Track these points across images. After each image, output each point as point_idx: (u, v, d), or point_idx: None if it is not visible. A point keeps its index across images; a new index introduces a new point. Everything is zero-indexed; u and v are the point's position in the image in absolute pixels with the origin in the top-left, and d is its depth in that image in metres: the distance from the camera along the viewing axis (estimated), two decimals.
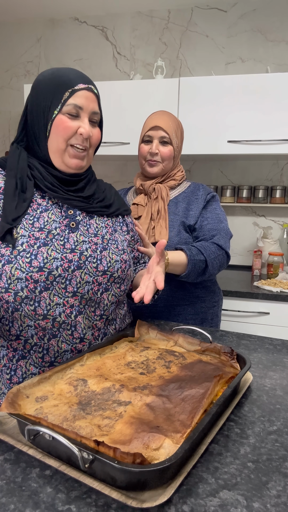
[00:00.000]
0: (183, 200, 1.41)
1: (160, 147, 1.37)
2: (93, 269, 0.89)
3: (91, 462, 0.49)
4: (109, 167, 2.77)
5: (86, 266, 0.88)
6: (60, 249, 0.86)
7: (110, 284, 0.92)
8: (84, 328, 0.90)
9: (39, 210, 0.88)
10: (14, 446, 0.59)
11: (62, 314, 0.87)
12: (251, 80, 2.08)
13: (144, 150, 1.39)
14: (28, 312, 0.85)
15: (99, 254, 0.91)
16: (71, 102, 0.85)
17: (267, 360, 0.94)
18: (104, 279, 0.91)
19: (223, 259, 1.32)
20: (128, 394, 0.66)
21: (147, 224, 1.36)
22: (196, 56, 2.55)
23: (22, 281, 0.81)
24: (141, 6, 2.54)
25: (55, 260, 0.85)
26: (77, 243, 0.89)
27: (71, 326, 0.89)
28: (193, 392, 0.66)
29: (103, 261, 0.91)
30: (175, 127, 1.39)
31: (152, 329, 0.96)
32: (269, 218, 2.57)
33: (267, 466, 0.56)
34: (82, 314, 0.89)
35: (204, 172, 2.62)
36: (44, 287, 0.83)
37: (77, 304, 0.88)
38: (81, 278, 0.87)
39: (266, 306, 2.00)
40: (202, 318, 1.43)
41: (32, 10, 2.63)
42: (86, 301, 0.90)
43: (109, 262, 0.92)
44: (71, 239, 0.89)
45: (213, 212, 1.39)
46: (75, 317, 0.88)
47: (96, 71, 2.72)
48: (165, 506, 0.49)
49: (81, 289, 0.88)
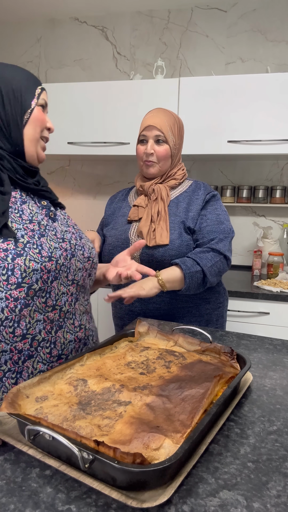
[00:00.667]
0: (183, 200, 1.38)
1: (156, 147, 1.34)
2: (82, 256, 0.93)
3: (91, 462, 0.49)
4: (109, 167, 2.77)
5: (76, 253, 0.92)
6: (55, 239, 0.88)
7: (92, 269, 0.97)
8: (80, 315, 0.94)
9: (18, 203, 0.88)
10: (14, 446, 0.59)
11: (66, 303, 0.89)
12: (251, 80, 2.08)
13: (140, 151, 1.37)
14: (39, 306, 0.84)
15: (80, 242, 0.95)
16: (43, 98, 0.91)
17: (267, 360, 0.94)
18: (88, 265, 0.95)
19: (222, 264, 1.30)
20: (128, 394, 0.66)
21: (148, 226, 1.33)
22: (196, 56, 2.55)
23: (37, 272, 0.81)
24: (141, 6, 2.54)
25: (56, 249, 0.87)
26: (63, 233, 0.92)
27: (72, 315, 0.91)
28: (193, 392, 0.66)
29: (85, 247, 0.95)
30: (171, 124, 1.35)
31: (152, 329, 0.96)
32: (269, 218, 2.56)
33: (267, 466, 0.56)
34: (78, 301, 0.93)
35: (204, 172, 2.62)
36: (54, 276, 0.85)
37: (75, 292, 0.91)
38: (76, 266, 0.91)
39: (266, 306, 2.00)
40: (207, 319, 1.41)
41: (32, 10, 2.63)
42: (80, 288, 0.94)
43: (89, 248, 0.96)
44: (57, 229, 0.91)
45: (213, 212, 1.36)
46: (74, 304, 0.91)
47: (96, 71, 2.72)
48: (165, 506, 0.49)
49: (77, 276, 0.92)
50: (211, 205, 1.37)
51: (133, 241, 1.36)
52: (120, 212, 1.48)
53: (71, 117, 2.33)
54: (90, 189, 2.82)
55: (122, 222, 1.43)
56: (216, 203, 1.39)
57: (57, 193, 2.95)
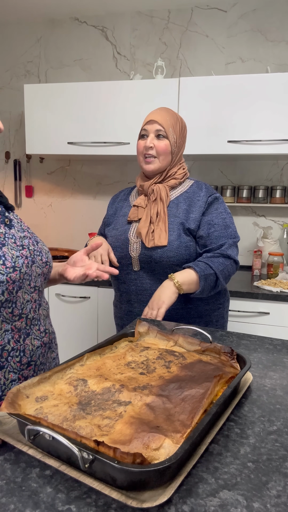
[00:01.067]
0: (184, 201, 1.38)
1: (155, 141, 1.34)
2: (40, 262, 0.93)
3: (91, 462, 0.49)
4: (109, 167, 2.77)
5: (36, 259, 0.91)
6: (15, 247, 0.86)
7: (48, 273, 0.97)
8: (44, 320, 0.95)
9: None
10: (14, 446, 0.59)
11: (31, 310, 0.89)
12: (251, 80, 2.08)
13: (140, 145, 1.37)
14: (6, 316, 0.84)
15: (37, 247, 0.94)
16: None
17: (267, 360, 0.94)
18: (46, 269, 0.95)
19: (232, 268, 1.33)
20: (128, 394, 0.66)
21: (147, 227, 1.33)
22: (196, 56, 2.55)
23: (3, 284, 0.80)
24: (141, 6, 2.54)
25: (18, 258, 0.85)
26: (21, 239, 0.90)
27: (37, 321, 0.92)
28: (193, 392, 0.66)
29: (42, 252, 0.95)
30: (173, 122, 1.35)
31: (152, 329, 0.96)
32: (269, 218, 2.57)
33: (267, 466, 0.56)
34: (41, 306, 0.94)
35: (204, 172, 2.62)
36: (18, 286, 0.84)
37: (37, 298, 0.92)
38: (36, 272, 0.91)
39: (266, 306, 2.00)
40: (207, 320, 1.41)
41: (32, 10, 2.63)
42: (40, 293, 0.94)
43: (45, 253, 0.96)
44: (15, 235, 0.89)
45: (219, 217, 1.36)
46: (38, 310, 0.92)
47: (96, 71, 2.72)
48: (165, 506, 0.49)
49: (37, 282, 0.92)
50: (215, 209, 1.37)
51: (133, 242, 1.36)
52: (121, 212, 1.48)
53: (71, 117, 2.33)
54: (90, 189, 2.82)
55: (122, 222, 1.43)
56: (220, 206, 1.38)
57: (57, 193, 2.96)
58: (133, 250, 1.36)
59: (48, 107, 2.36)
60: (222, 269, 1.29)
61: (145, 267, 1.36)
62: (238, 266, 1.36)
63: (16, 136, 2.91)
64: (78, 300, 2.25)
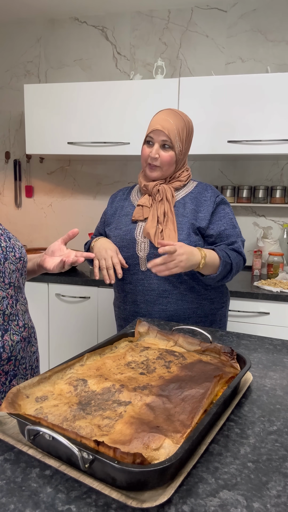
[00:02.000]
0: (190, 201, 1.37)
1: (161, 152, 1.32)
2: (13, 258, 0.94)
3: (91, 462, 0.49)
4: (109, 167, 2.77)
5: (8, 256, 0.93)
6: None
7: (23, 268, 0.99)
8: (22, 315, 0.97)
9: None
10: (14, 446, 0.59)
11: (8, 306, 0.91)
12: (251, 80, 2.08)
13: (145, 152, 1.35)
14: None
15: (9, 243, 0.95)
16: None
17: (267, 360, 0.94)
18: (20, 265, 0.97)
19: (241, 264, 1.36)
20: (128, 394, 0.66)
21: (155, 227, 1.32)
22: (196, 56, 2.55)
23: None
24: (141, 6, 2.54)
25: None
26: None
27: (15, 316, 0.93)
28: (193, 392, 0.66)
29: (15, 248, 0.96)
30: (180, 129, 1.33)
31: (152, 329, 0.96)
32: (269, 218, 2.56)
33: (267, 466, 0.56)
34: (18, 302, 0.96)
35: (204, 172, 2.62)
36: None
37: (13, 294, 0.94)
38: (10, 269, 0.92)
39: (266, 306, 2.00)
40: (212, 320, 1.41)
41: (32, 10, 2.63)
42: (17, 289, 0.96)
43: (19, 248, 0.98)
44: None
45: (226, 217, 1.38)
46: (15, 306, 0.94)
47: (96, 71, 2.72)
48: (165, 506, 0.49)
49: (12, 278, 0.93)
50: (223, 209, 1.39)
51: (140, 242, 1.36)
52: (122, 212, 1.46)
53: (71, 117, 2.33)
54: (90, 189, 2.82)
55: (126, 222, 1.42)
56: (226, 207, 1.41)
57: (57, 193, 2.96)
58: (141, 250, 1.35)
59: (48, 107, 2.36)
60: (236, 262, 1.32)
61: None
62: (245, 263, 1.39)
63: (16, 136, 2.91)
64: (78, 300, 2.25)
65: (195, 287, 1.36)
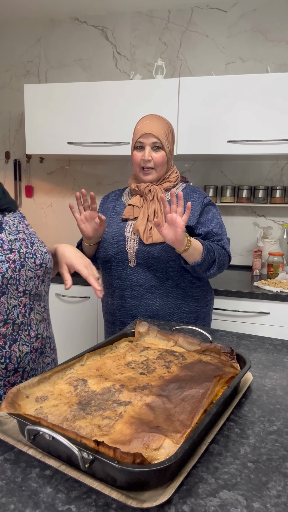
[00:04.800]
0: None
1: (153, 153, 1.39)
2: (33, 264, 0.91)
3: (91, 462, 0.49)
4: (109, 167, 2.77)
5: (27, 263, 0.89)
6: (1, 252, 0.86)
7: (45, 275, 0.95)
8: (36, 324, 0.92)
9: None
10: (14, 446, 0.59)
11: (19, 315, 0.87)
12: (251, 80, 2.08)
13: (137, 157, 1.41)
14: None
15: (31, 249, 0.92)
16: None
17: (267, 360, 0.94)
18: (41, 271, 0.93)
19: (226, 259, 1.40)
20: (128, 394, 0.66)
21: (144, 225, 1.38)
22: (196, 56, 2.55)
23: None
24: (141, 6, 2.54)
25: (2, 263, 0.84)
26: (11, 243, 0.89)
27: (27, 326, 0.89)
28: (193, 392, 0.66)
29: (37, 254, 0.93)
30: (166, 131, 1.40)
31: (152, 329, 0.96)
32: (269, 218, 2.56)
33: (267, 466, 0.56)
34: (33, 311, 0.92)
35: (204, 172, 2.62)
36: (1, 292, 0.83)
37: (28, 302, 0.90)
38: (26, 276, 0.89)
39: (266, 306, 2.00)
40: (196, 316, 1.47)
41: (32, 10, 2.63)
42: (33, 297, 0.92)
43: (41, 255, 0.94)
44: (4, 239, 0.88)
45: (214, 217, 1.44)
46: (28, 315, 0.90)
47: (96, 71, 2.72)
48: (165, 506, 0.49)
49: (28, 286, 0.90)
50: (210, 210, 1.45)
51: (130, 239, 1.41)
52: (114, 211, 1.52)
53: (71, 117, 2.33)
54: (90, 189, 2.82)
55: (116, 221, 1.48)
56: (213, 208, 1.47)
57: (57, 193, 2.96)
58: (130, 247, 1.40)
59: (48, 107, 2.36)
60: (219, 254, 1.35)
61: (142, 263, 1.40)
62: (230, 260, 1.44)
63: (16, 136, 2.90)
64: (78, 300, 2.25)
65: (181, 284, 1.42)
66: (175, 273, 1.40)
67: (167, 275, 1.39)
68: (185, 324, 1.40)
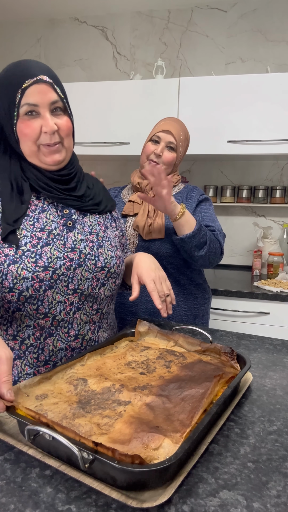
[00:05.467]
0: (178, 199, 1.46)
1: (165, 151, 1.40)
2: (92, 266, 0.91)
3: (91, 462, 0.49)
4: (109, 167, 2.77)
5: (86, 263, 0.90)
6: (62, 249, 0.88)
7: (107, 279, 0.95)
8: (79, 324, 0.92)
9: (37, 211, 0.89)
10: (14, 446, 0.59)
11: (62, 312, 0.88)
12: (251, 80, 2.08)
13: (149, 148, 1.41)
14: (30, 312, 0.85)
15: (96, 252, 0.93)
16: (25, 102, 0.80)
17: (267, 360, 0.94)
18: (102, 274, 0.93)
19: (218, 248, 1.36)
20: (128, 394, 0.66)
21: (144, 221, 1.39)
22: (196, 56, 2.55)
23: (28, 280, 0.82)
24: (141, 6, 2.54)
25: (58, 259, 0.86)
26: (75, 242, 0.90)
27: (68, 324, 0.90)
28: (193, 392, 0.66)
29: (100, 257, 0.93)
30: (184, 138, 1.43)
31: (152, 329, 0.96)
32: (269, 218, 2.56)
33: (267, 466, 0.56)
34: (80, 310, 0.91)
35: (204, 172, 2.62)
36: (48, 285, 0.85)
37: (76, 301, 0.90)
38: (82, 275, 0.89)
39: (266, 306, 2.00)
40: (195, 314, 1.48)
41: (32, 10, 2.63)
42: (85, 297, 0.92)
43: (105, 258, 0.94)
44: (70, 238, 0.90)
45: (207, 211, 1.44)
46: (73, 313, 0.90)
47: (96, 71, 2.72)
48: (165, 506, 0.49)
49: (82, 285, 0.90)
50: (205, 205, 1.46)
51: (130, 235, 1.43)
52: None
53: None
54: None
55: None
56: (208, 204, 1.48)
57: None
58: (130, 243, 1.43)
59: None
60: (211, 239, 1.31)
61: None
62: (222, 255, 1.40)
63: None
64: None
65: (180, 281, 1.43)
66: (175, 270, 1.41)
67: (167, 271, 1.40)
68: (184, 323, 1.40)
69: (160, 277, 1.00)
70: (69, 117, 0.88)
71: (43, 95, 0.81)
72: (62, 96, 0.85)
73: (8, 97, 0.81)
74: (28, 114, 0.81)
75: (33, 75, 0.80)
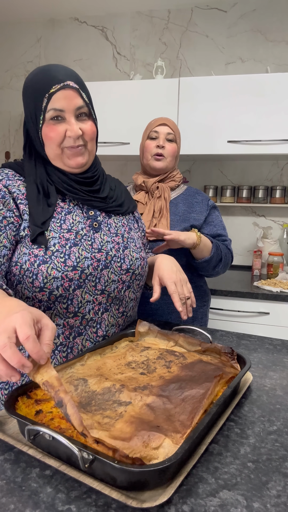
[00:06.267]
0: (182, 202, 1.46)
1: (166, 143, 1.43)
2: (118, 268, 0.92)
3: (91, 462, 0.49)
4: (109, 167, 2.76)
5: (112, 265, 0.91)
6: (89, 249, 0.89)
7: (132, 281, 0.96)
8: (107, 326, 0.94)
9: (63, 213, 0.91)
10: (14, 446, 0.59)
11: (91, 311, 0.90)
12: (251, 80, 2.08)
13: (150, 145, 1.43)
14: (60, 311, 0.87)
15: (121, 253, 0.94)
16: (51, 107, 0.82)
17: (267, 360, 0.94)
18: (127, 277, 0.94)
19: (230, 258, 1.44)
20: (128, 394, 0.66)
21: (149, 221, 1.40)
22: (196, 56, 2.55)
23: (58, 280, 0.83)
24: (141, 6, 2.54)
25: (86, 259, 0.87)
26: (102, 243, 0.92)
27: (96, 324, 0.91)
28: (194, 392, 0.66)
29: (126, 259, 0.94)
30: (178, 130, 1.47)
31: (153, 329, 0.96)
32: (269, 218, 2.56)
33: (267, 466, 0.56)
34: (107, 312, 0.93)
35: (204, 172, 2.62)
36: (77, 285, 0.86)
37: (104, 302, 0.91)
38: (108, 277, 0.91)
39: (266, 306, 2.00)
40: (194, 316, 1.49)
41: (32, 10, 2.63)
42: (112, 299, 0.93)
43: (131, 260, 0.95)
44: (96, 239, 0.92)
45: (217, 219, 1.48)
46: (101, 314, 0.91)
47: (96, 71, 2.72)
48: (165, 506, 0.49)
49: (108, 287, 0.91)
50: (215, 213, 1.50)
51: None
52: None
53: None
54: None
55: None
56: (217, 211, 1.51)
57: None
58: None
59: None
60: (225, 253, 1.39)
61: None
62: (232, 260, 1.48)
63: (16, 136, 2.90)
64: None
65: None
66: None
67: None
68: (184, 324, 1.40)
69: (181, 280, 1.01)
70: (93, 121, 0.90)
71: (69, 100, 0.83)
72: (88, 102, 0.87)
73: (34, 102, 0.83)
74: (54, 119, 0.83)
75: (60, 80, 0.82)
